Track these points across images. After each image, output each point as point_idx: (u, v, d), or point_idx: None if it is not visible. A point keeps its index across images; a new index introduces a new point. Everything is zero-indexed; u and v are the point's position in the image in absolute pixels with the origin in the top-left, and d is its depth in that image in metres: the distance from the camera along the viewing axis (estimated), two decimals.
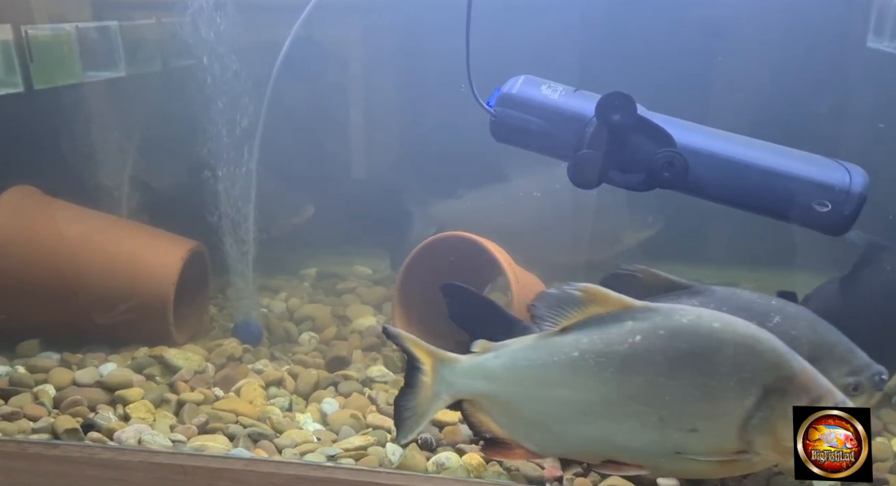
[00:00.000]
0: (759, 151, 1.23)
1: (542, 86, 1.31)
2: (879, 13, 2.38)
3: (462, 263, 2.06)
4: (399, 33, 2.63)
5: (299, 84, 2.60)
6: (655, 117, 1.27)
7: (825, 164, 1.21)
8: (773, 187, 1.21)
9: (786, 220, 1.23)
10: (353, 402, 1.92)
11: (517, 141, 1.33)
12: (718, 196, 1.26)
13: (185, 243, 2.16)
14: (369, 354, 2.19)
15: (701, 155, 1.23)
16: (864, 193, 1.18)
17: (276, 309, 2.50)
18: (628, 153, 1.25)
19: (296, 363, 2.14)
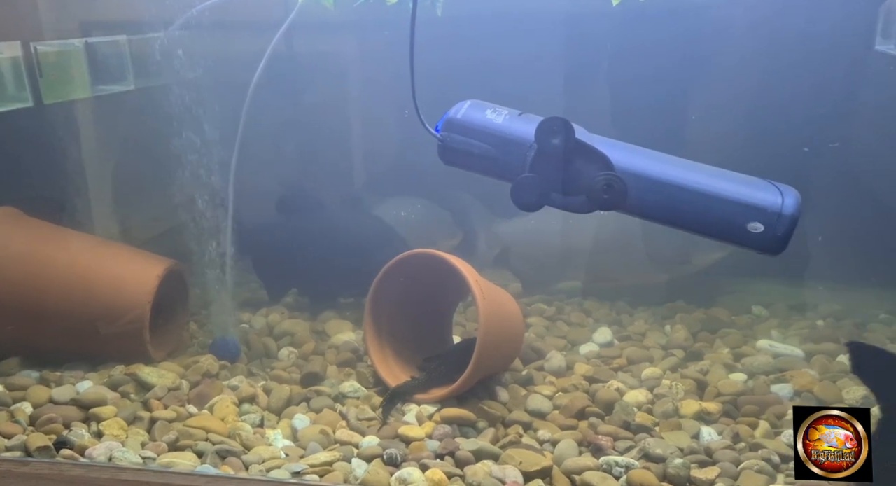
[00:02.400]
0: (696, 173, 1.25)
1: (487, 110, 1.34)
2: (887, 16, 2.42)
3: (433, 280, 2.09)
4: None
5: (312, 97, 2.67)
6: (596, 140, 1.30)
7: (759, 185, 1.24)
8: (708, 209, 1.23)
9: (723, 240, 1.25)
10: (324, 417, 1.95)
11: (464, 164, 1.36)
12: (658, 217, 1.28)
13: (161, 261, 2.20)
14: (343, 369, 2.22)
15: (639, 177, 1.26)
16: (795, 214, 1.20)
17: (256, 325, 2.54)
18: (568, 176, 1.28)
19: (272, 379, 2.18)
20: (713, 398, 2.02)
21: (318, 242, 2.50)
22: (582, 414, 1.96)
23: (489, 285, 2.04)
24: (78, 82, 2.19)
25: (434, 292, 2.15)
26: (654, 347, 2.37)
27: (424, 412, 1.95)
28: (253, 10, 2.25)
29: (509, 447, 1.81)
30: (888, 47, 2.35)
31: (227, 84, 2.29)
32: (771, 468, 1.70)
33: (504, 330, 2.03)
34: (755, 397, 2.01)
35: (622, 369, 2.23)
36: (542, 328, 2.52)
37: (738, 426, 1.87)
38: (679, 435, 1.86)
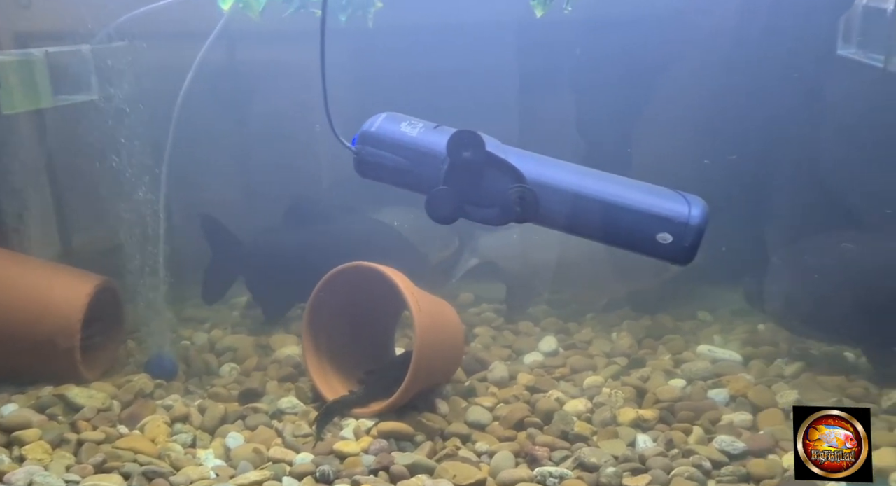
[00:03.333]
0: (607, 184, 1.26)
1: (402, 123, 1.34)
2: (847, 23, 2.50)
3: (373, 292, 2.07)
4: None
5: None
6: (509, 152, 1.30)
7: (668, 196, 1.25)
8: (618, 220, 1.24)
9: (634, 251, 1.26)
10: (258, 435, 1.91)
11: (380, 177, 1.35)
12: (570, 228, 1.28)
13: (92, 279, 2.15)
14: (284, 384, 2.19)
15: (551, 189, 1.26)
16: (701, 225, 1.21)
17: (198, 341, 2.50)
18: (481, 189, 1.28)
19: (211, 397, 2.13)
20: (652, 405, 2.04)
21: (322, 254, 2.35)
22: (521, 425, 1.96)
23: (428, 298, 2.03)
24: (38, 93, 2.13)
25: (374, 305, 2.13)
26: (598, 355, 2.38)
27: (362, 426, 1.93)
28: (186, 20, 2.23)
29: (445, 460, 1.80)
30: (849, 52, 2.44)
31: (163, 96, 2.27)
32: (702, 474, 1.72)
33: (443, 342, 2.02)
34: (691, 402, 2.03)
35: (565, 378, 2.23)
36: (488, 339, 2.52)
37: (672, 432, 1.88)
38: (615, 443, 1.87)
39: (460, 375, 2.24)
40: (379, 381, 2.04)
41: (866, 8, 2.39)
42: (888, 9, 2.23)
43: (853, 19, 2.45)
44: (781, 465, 1.75)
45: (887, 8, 2.24)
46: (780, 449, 1.81)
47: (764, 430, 1.90)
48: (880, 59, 2.26)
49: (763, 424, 1.93)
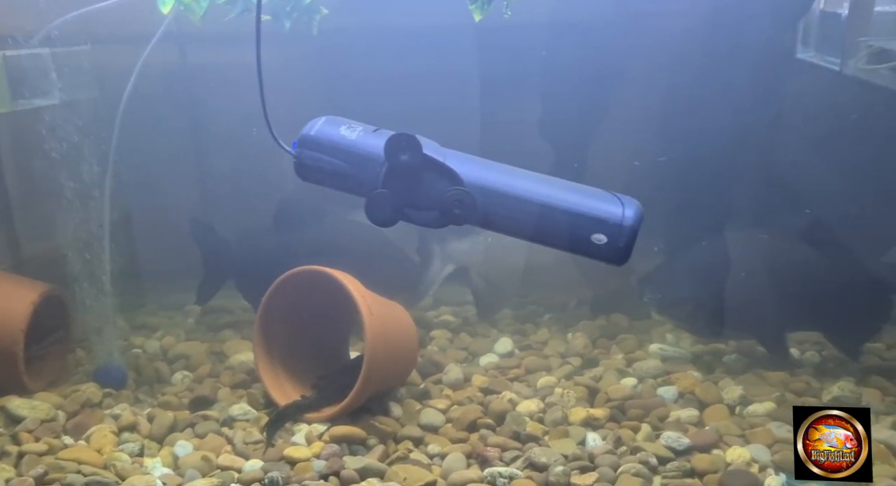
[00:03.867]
0: (544, 186, 1.28)
1: (341, 126, 1.34)
2: (806, 27, 2.57)
3: (326, 297, 2.06)
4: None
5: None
6: (449, 155, 1.31)
7: (603, 198, 1.27)
8: (554, 221, 1.26)
9: (570, 252, 1.28)
10: (208, 443, 1.89)
11: (321, 181, 1.35)
12: (508, 230, 1.30)
13: (37, 286, 2.10)
14: (237, 391, 2.17)
15: (489, 192, 1.28)
16: (635, 226, 1.24)
17: (149, 349, 2.46)
18: (420, 192, 1.29)
19: (161, 405, 2.10)
20: (603, 404, 2.07)
21: (311, 256, 2.29)
22: (474, 426, 1.97)
23: (380, 301, 2.03)
24: None
25: (328, 309, 2.13)
26: (553, 355, 2.40)
27: (315, 431, 1.92)
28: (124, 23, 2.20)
29: (397, 463, 1.80)
30: (808, 55, 2.52)
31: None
32: (648, 470, 1.75)
33: (395, 346, 2.03)
34: (641, 401, 2.06)
35: (518, 379, 2.25)
36: (444, 341, 2.53)
37: (621, 430, 1.91)
38: (566, 442, 1.89)
39: (415, 378, 2.24)
40: (332, 385, 2.03)
41: (823, 13, 2.48)
42: (843, 13, 2.32)
43: (811, 23, 2.54)
44: (724, 459, 1.79)
45: (842, 13, 2.32)
46: (723, 444, 1.86)
47: (709, 425, 1.94)
48: (836, 63, 2.35)
49: (709, 419, 1.98)
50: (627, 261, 1.28)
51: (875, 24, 2.25)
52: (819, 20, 2.49)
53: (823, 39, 2.48)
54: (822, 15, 2.47)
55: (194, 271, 2.73)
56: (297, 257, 2.28)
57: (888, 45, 2.16)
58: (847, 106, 2.34)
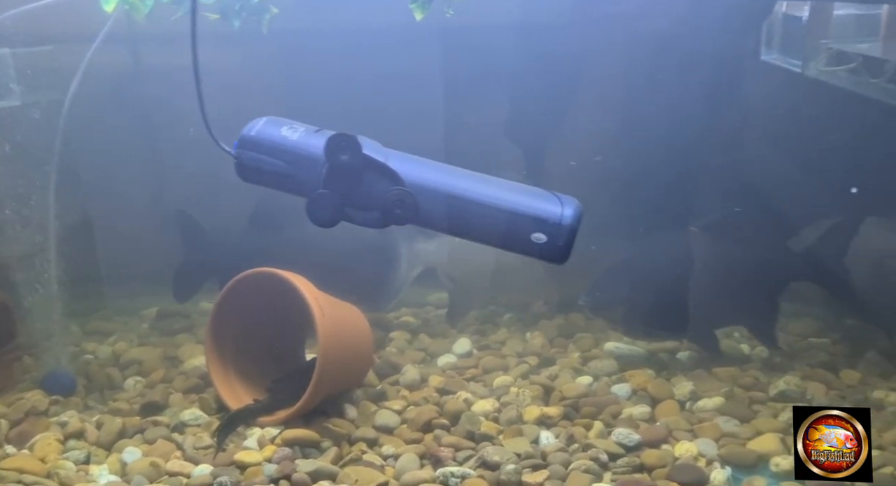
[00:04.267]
0: (484, 186, 1.29)
1: (283, 127, 1.34)
2: (770, 30, 2.61)
3: (279, 299, 2.04)
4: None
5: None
6: (391, 155, 1.32)
7: (542, 197, 1.29)
8: (494, 221, 1.27)
9: (511, 251, 1.30)
10: (157, 449, 1.86)
11: (263, 182, 1.35)
12: (449, 230, 1.31)
13: None
14: (189, 396, 2.14)
15: (430, 192, 1.28)
16: (573, 225, 1.26)
17: (101, 354, 2.41)
18: (361, 192, 1.29)
19: (111, 412, 2.06)
20: (558, 403, 2.08)
21: (296, 256, 2.30)
22: (428, 427, 1.97)
23: (333, 303, 2.02)
24: None
25: (282, 311, 2.11)
26: (510, 355, 2.42)
27: (267, 435, 1.90)
28: None
29: (350, 465, 1.80)
30: (771, 57, 2.56)
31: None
32: (598, 467, 1.77)
33: (349, 347, 2.02)
34: (595, 398, 2.09)
35: (475, 379, 2.26)
36: (403, 342, 2.52)
37: (574, 427, 1.93)
38: (519, 441, 1.90)
39: (373, 379, 2.24)
40: (287, 388, 2.01)
41: (785, 16, 2.53)
42: (803, 17, 2.37)
43: (774, 26, 2.59)
44: (673, 454, 1.82)
45: (803, 16, 2.38)
46: (673, 439, 1.89)
47: (660, 421, 1.97)
48: (798, 65, 2.41)
49: (660, 415, 2.01)
50: (567, 260, 1.30)
51: (834, 27, 2.32)
52: (782, 23, 2.55)
53: (786, 42, 2.54)
54: (785, 18, 2.53)
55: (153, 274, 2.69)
56: (279, 256, 2.25)
57: (846, 48, 2.23)
58: (807, 107, 2.39)
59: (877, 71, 2.09)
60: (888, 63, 2.04)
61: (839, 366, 2.22)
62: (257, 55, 2.55)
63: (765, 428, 1.89)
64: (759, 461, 1.76)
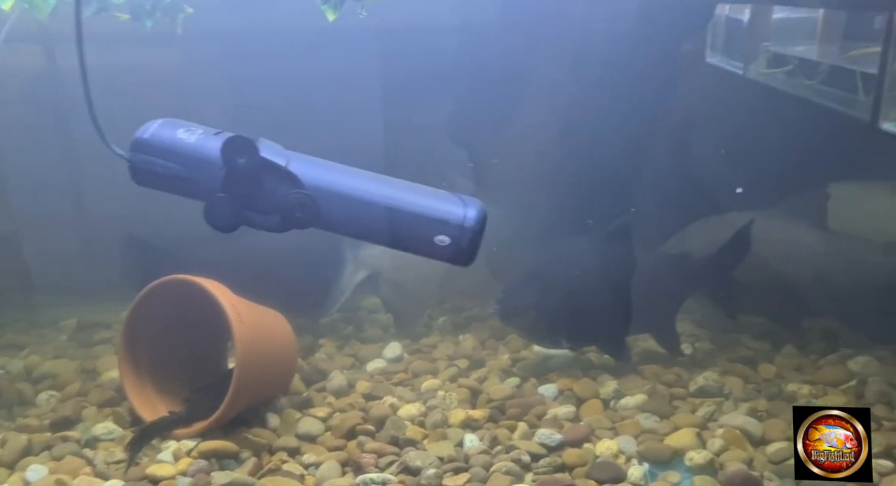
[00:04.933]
0: (386, 188, 1.28)
1: (179, 129, 1.30)
2: (714, 33, 2.65)
3: (197, 306, 1.98)
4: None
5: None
6: (293, 157, 1.29)
7: (445, 199, 1.28)
8: (397, 223, 1.26)
9: (416, 253, 1.29)
10: (65, 465, 1.78)
11: (158, 186, 1.30)
12: (352, 233, 1.29)
13: None
14: (103, 410, 2.05)
15: (331, 194, 1.26)
16: (476, 226, 1.25)
17: (13, 368, 2.30)
18: (261, 195, 1.26)
19: (18, 428, 1.96)
20: (485, 405, 2.08)
21: (261, 263, 2.30)
22: (352, 433, 1.94)
23: (253, 308, 1.97)
24: None
25: (200, 319, 2.05)
26: (441, 358, 2.41)
27: (184, 447, 1.84)
28: None
29: (268, 475, 1.75)
30: (716, 60, 2.62)
31: None
32: (520, 468, 1.77)
33: (270, 354, 1.98)
34: (521, 400, 2.09)
35: (403, 383, 2.24)
36: (333, 348, 2.49)
37: (498, 429, 1.93)
38: (444, 445, 1.89)
39: (299, 386, 2.19)
40: (206, 398, 1.96)
41: (728, 19, 2.59)
42: (745, 20, 2.43)
43: (718, 29, 2.65)
44: (594, 452, 1.84)
45: (744, 19, 2.44)
46: (595, 438, 1.90)
47: (584, 420, 1.99)
48: (740, 67, 2.46)
49: (584, 415, 2.02)
50: (473, 262, 1.30)
51: (774, 30, 2.39)
52: (725, 26, 2.62)
53: (729, 45, 2.61)
54: (727, 21, 2.60)
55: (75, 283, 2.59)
56: (223, 264, 2.19)
57: (783, 50, 2.29)
58: (747, 109, 2.45)
59: (811, 73, 2.16)
60: (821, 65, 2.11)
61: (759, 361, 2.29)
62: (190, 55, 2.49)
63: (682, 423, 1.92)
64: (674, 456, 1.79)
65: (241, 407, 1.91)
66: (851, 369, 2.13)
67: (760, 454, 1.79)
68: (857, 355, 2.19)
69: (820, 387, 2.07)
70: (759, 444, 1.83)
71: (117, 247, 2.49)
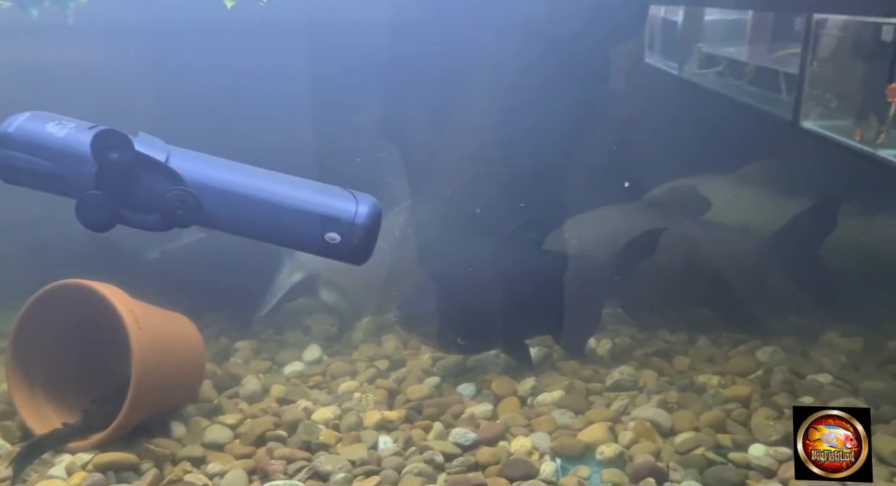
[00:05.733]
0: (274, 184, 1.23)
1: (49, 123, 1.21)
2: (651, 34, 2.65)
3: (93, 311, 1.87)
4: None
5: None
6: (174, 153, 1.23)
7: (336, 195, 1.24)
8: (285, 221, 1.21)
9: (308, 252, 1.24)
10: None
11: (25, 183, 1.21)
12: (240, 231, 1.24)
13: None
14: None
15: (215, 191, 1.21)
16: (367, 223, 1.22)
17: None
18: (138, 192, 1.20)
19: None
20: (402, 405, 2.05)
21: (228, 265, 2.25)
22: (262, 440, 1.87)
23: (154, 312, 1.88)
24: None
25: (98, 325, 1.94)
26: (361, 359, 2.36)
27: (79, 461, 1.74)
28: None
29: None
30: (653, 60, 2.64)
31: None
32: (432, 469, 1.74)
33: (174, 360, 1.89)
34: (439, 399, 2.07)
35: (319, 386, 2.19)
36: (249, 352, 2.41)
37: (413, 430, 1.90)
38: (357, 448, 1.85)
39: (210, 393, 2.11)
40: (104, 409, 1.85)
41: (664, 20, 2.63)
42: (679, 21, 2.47)
43: (655, 30, 2.68)
44: (508, 450, 1.82)
45: (678, 20, 2.47)
46: (510, 435, 1.89)
47: (500, 418, 1.98)
48: (675, 67, 2.49)
49: (502, 412, 2.01)
50: (367, 260, 1.26)
51: (707, 32, 2.43)
52: (661, 27, 2.66)
53: (665, 45, 2.65)
54: (663, 22, 2.64)
55: None
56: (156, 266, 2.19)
57: (714, 51, 2.34)
58: (681, 108, 2.48)
59: (739, 73, 2.20)
60: (748, 66, 2.16)
61: (674, 354, 2.34)
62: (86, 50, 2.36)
63: (596, 418, 1.93)
64: (586, 451, 1.80)
65: (142, 416, 1.82)
66: (759, 358, 2.20)
67: (669, 445, 1.81)
68: (765, 345, 2.26)
69: (729, 377, 2.12)
70: (668, 435, 1.86)
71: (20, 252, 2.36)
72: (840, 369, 2.10)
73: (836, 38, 1.74)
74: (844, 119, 1.75)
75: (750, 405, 1.95)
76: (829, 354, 2.18)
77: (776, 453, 1.72)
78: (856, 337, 2.30)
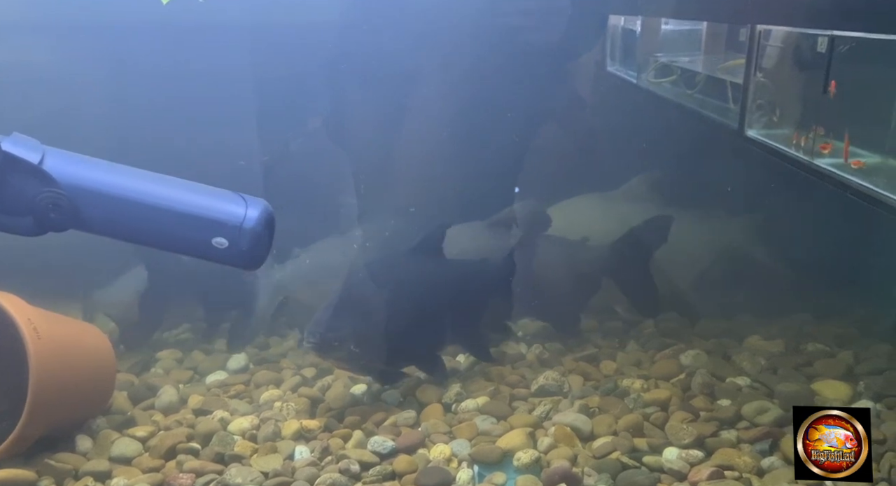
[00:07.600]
0: (158, 187, 1.19)
1: None
2: (612, 43, 2.66)
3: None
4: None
5: None
6: (50, 154, 1.18)
7: (225, 198, 1.21)
8: (168, 225, 1.17)
9: (194, 256, 1.20)
10: None
11: None
12: (121, 235, 1.19)
13: None
14: None
15: (92, 194, 1.16)
16: (256, 228, 1.18)
17: None
18: (6, 195, 1.14)
19: None
20: (324, 414, 2.01)
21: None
22: (173, 453, 1.81)
23: (56, 320, 1.80)
24: None
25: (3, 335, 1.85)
26: (288, 368, 2.30)
27: None
28: None
29: None
30: (614, 68, 2.65)
31: None
32: (347, 478, 1.70)
33: (77, 371, 1.81)
34: (361, 407, 2.03)
35: (240, 395, 2.13)
36: (172, 362, 2.33)
37: (331, 439, 1.86)
38: (272, 458, 1.79)
39: (123, 404, 2.03)
40: (2, 424, 1.77)
41: (624, 29, 2.64)
42: (637, 30, 2.48)
43: (616, 39, 2.70)
44: (427, 458, 1.80)
45: (636, 30, 2.48)
46: (430, 442, 1.86)
47: (422, 426, 1.95)
48: (634, 75, 2.51)
49: (424, 419, 1.98)
50: (260, 265, 1.22)
51: (664, 42, 2.46)
52: (621, 36, 2.68)
53: (625, 54, 2.67)
54: (623, 32, 2.66)
55: None
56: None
57: (670, 60, 2.37)
58: (640, 116, 2.49)
59: (691, 82, 2.24)
60: (699, 75, 2.20)
61: (602, 358, 2.34)
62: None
63: (517, 424, 1.92)
64: (504, 457, 1.78)
65: (43, 430, 1.73)
66: (682, 362, 2.22)
67: (587, 450, 1.81)
68: (689, 349, 2.29)
69: (652, 381, 2.13)
70: (587, 440, 1.86)
71: None
72: (759, 372, 2.14)
73: (778, 48, 1.77)
74: (785, 128, 1.79)
75: (669, 408, 1.96)
76: (750, 357, 2.21)
77: (688, 456, 1.73)
78: (777, 340, 2.35)
